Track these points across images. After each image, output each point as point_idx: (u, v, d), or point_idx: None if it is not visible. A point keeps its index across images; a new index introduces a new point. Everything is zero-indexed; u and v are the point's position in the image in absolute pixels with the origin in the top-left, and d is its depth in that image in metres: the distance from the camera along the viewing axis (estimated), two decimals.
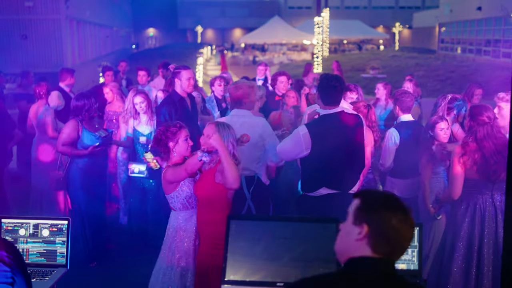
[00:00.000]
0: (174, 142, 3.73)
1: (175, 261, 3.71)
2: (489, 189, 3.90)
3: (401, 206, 1.76)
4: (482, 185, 3.89)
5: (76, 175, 5.14)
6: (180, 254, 3.72)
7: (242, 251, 2.83)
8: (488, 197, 3.90)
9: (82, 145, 5.09)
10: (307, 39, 36.40)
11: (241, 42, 40.36)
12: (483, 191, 3.91)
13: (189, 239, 3.74)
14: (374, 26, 47.54)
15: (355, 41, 44.93)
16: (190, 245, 3.73)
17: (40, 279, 3.29)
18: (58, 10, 18.24)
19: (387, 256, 1.73)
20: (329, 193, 3.94)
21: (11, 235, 3.46)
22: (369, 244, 1.72)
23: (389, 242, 1.72)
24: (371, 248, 1.72)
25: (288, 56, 36.24)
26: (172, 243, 3.75)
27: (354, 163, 4.02)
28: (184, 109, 5.18)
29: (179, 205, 3.73)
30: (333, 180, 3.94)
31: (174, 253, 3.73)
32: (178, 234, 3.74)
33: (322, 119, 4.00)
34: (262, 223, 2.99)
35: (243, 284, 2.79)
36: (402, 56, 29.81)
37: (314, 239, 2.78)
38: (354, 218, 1.76)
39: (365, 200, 1.78)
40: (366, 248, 1.72)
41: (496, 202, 3.89)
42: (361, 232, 1.72)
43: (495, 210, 3.88)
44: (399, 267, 3.08)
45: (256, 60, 33.80)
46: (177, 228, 3.76)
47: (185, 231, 3.74)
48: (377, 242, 1.72)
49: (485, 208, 3.90)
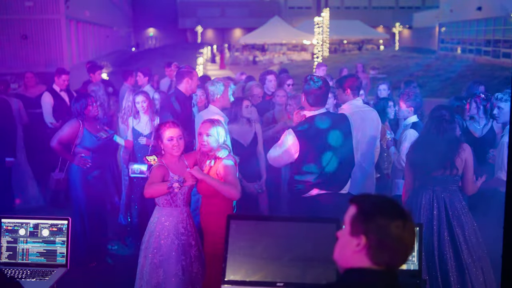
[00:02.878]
0: (161, 140, 3.83)
1: (149, 255, 3.75)
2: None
3: (399, 211, 1.69)
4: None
5: (76, 175, 5.14)
6: (155, 249, 3.74)
7: (242, 251, 2.83)
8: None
9: (83, 146, 5.09)
10: (307, 39, 36.38)
11: (241, 42, 40.35)
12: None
13: (166, 237, 3.75)
14: (374, 26, 47.50)
15: (355, 41, 44.91)
16: (167, 243, 3.74)
17: (40, 279, 3.29)
18: (58, 10, 18.24)
19: (387, 266, 1.68)
20: (319, 194, 3.95)
21: (11, 235, 3.46)
22: (368, 256, 1.66)
23: (389, 252, 1.66)
24: (370, 259, 1.67)
25: (288, 56, 36.23)
26: (150, 237, 3.79)
27: (343, 163, 4.00)
28: (186, 109, 5.18)
29: (162, 200, 3.79)
30: (323, 181, 3.93)
31: (149, 248, 3.76)
32: (156, 228, 3.78)
33: (308, 120, 3.99)
34: (262, 223, 2.99)
35: (243, 284, 2.79)
36: (402, 56, 29.79)
37: (314, 239, 2.78)
38: (351, 229, 1.70)
39: (361, 207, 1.71)
40: (365, 259, 1.67)
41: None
42: (359, 243, 1.67)
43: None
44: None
45: (256, 60, 33.80)
46: (156, 223, 3.80)
47: (163, 229, 3.76)
48: (376, 253, 1.66)
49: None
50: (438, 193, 4.07)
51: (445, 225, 4.00)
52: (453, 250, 3.97)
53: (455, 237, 3.97)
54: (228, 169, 3.67)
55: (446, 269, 3.94)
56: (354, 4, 52.07)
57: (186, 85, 5.14)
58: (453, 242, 3.97)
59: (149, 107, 5.74)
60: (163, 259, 3.72)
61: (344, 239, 1.73)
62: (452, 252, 3.97)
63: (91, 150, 5.11)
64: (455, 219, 4.00)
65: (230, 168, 3.67)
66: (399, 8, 51.78)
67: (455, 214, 4.01)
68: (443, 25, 34.66)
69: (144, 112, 5.75)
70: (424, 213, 4.06)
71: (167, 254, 3.72)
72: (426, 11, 42.65)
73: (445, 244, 3.97)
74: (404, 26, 45.66)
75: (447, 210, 4.02)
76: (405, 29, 46.46)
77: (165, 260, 3.71)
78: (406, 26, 46.14)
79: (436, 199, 4.06)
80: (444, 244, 3.97)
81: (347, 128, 4.04)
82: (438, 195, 4.06)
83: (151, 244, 3.76)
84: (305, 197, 3.98)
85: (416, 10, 47.30)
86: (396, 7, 52.15)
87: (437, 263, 3.97)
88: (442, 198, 4.05)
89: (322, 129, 3.92)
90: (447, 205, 4.03)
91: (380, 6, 52.28)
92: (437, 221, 4.02)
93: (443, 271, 3.96)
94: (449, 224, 4.01)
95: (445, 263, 3.95)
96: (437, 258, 3.97)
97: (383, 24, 50.61)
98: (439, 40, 35.60)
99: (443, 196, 4.05)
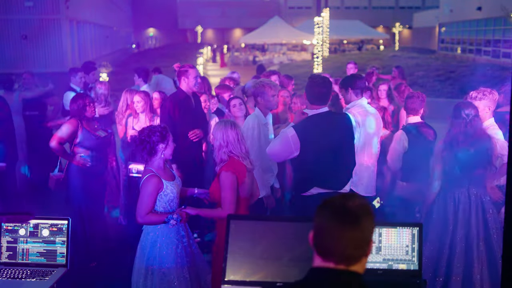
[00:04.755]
0: (165, 144, 3.69)
1: (155, 267, 3.63)
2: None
3: (333, 201, 1.70)
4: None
5: (76, 175, 5.13)
6: (159, 259, 3.63)
7: (242, 251, 2.83)
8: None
9: (82, 145, 5.09)
10: (307, 39, 36.39)
11: (241, 42, 40.35)
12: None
13: (169, 246, 3.65)
14: (374, 26, 47.53)
15: (355, 41, 44.92)
16: (172, 250, 3.65)
17: (40, 279, 3.29)
18: (58, 10, 18.23)
19: (335, 263, 1.66)
20: (320, 193, 3.94)
21: (11, 235, 3.46)
22: (316, 252, 1.70)
23: (323, 244, 1.68)
24: (318, 255, 1.70)
25: (288, 56, 36.25)
26: (152, 249, 3.65)
27: (344, 162, 4.01)
28: (188, 107, 5.24)
29: (160, 208, 3.67)
30: (324, 180, 3.93)
31: (154, 259, 3.64)
32: (157, 240, 3.65)
33: (309, 119, 4.00)
34: (262, 223, 2.99)
35: (243, 284, 2.79)
36: (402, 56, 29.77)
37: None
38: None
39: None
40: (316, 257, 1.71)
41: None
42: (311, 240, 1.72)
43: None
44: (399, 267, 3.08)
45: (256, 60, 33.79)
46: (157, 235, 3.66)
47: (164, 238, 3.66)
48: (317, 247, 1.69)
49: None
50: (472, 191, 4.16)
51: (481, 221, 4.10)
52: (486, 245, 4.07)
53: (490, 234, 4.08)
54: (222, 183, 3.61)
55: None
56: (354, 4, 52.12)
57: (184, 84, 5.25)
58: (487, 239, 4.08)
59: (146, 107, 5.75)
60: (170, 266, 3.64)
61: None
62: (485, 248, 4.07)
63: (90, 149, 5.11)
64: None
65: (224, 182, 3.60)
66: (399, 8, 51.83)
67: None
68: (443, 25, 34.67)
69: (142, 112, 5.76)
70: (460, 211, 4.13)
71: (173, 261, 3.65)
72: (426, 11, 42.68)
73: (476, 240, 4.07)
74: (404, 26, 45.68)
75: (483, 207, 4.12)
76: (405, 29, 46.49)
77: (173, 268, 3.64)
78: (406, 26, 46.18)
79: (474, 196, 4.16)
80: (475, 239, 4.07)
81: (348, 127, 4.05)
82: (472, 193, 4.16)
83: (154, 255, 3.65)
84: (305, 196, 3.99)
85: (416, 10, 47.36)
86: (396, 7, 52.20)
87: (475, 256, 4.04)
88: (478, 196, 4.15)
89: (323, 128, 3.93)
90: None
91: (380, 6, 52.33)
92: (475, 218, 4.10)
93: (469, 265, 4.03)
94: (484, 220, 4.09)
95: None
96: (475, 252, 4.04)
97: (383, 24, 50.64)
98: (439, 40, 35.62)
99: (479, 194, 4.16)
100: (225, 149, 3.66)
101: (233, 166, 3.63)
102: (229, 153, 3.66)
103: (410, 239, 3.09)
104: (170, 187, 3.67)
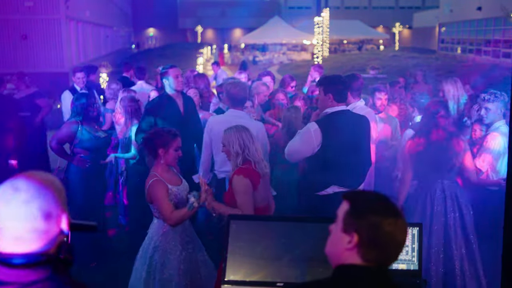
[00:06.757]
0: (165, 149, 3.62)
1: (158, 273, 3.58)
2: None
3: (391, 208, 1.68)
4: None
5: (76, 175, 5.13)
6: (162, 265, 3.59)
7: (242, 251, 2.83)
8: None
9: (82, 146, 5.09)
10: (307, 39, 36.40)
11: (241, 42, 40.36)
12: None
13: (172, 251, 3.62)
14: (374, 26, 47.55)
15: (355, 41, 44.91)
16: (175, 256, 3.61)
17: None
18: (58, 10, 18.23)
19: (378, 264, 1.67)
20: (336, 192, 3.93)
21: None
22: (359, 253, 1.66)
23: (380, 250, 1.66)
24: (361, 257, 1.66)
25: (288, 56, 36.26)
26: (155, 253, 3.61)
27: (362, 161, 4.04)
28: (172, 109, 5.11)
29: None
30: (342, 178, 3.94)
31: (155, 265, 3.59)
32: (161, 245, 3.60)
33: (331, 115, 4.01)
34: (262, 223, 2.99)
35: (243, 284, 2.79)
36: (402, 56, 29.80)
37: (314, 239, 2.78)
38: (344, 225, 1.69)
39: (354, 204, 1.70)
40: (356, 257, 1.67)
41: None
42: (351, 241, 1.66)
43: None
44: (399, 267, 3.08)
45: (256, 60, 33.80)
46: (161, 240, 3.61)
47: (168, 243, 3.62)
48: (367, 251, 1.65)
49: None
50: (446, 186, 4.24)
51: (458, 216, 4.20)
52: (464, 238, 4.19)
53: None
54: (235, 188, 3.51)
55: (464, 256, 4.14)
56: (354, 4, 52.13)
57: (167, 85, 5.19)
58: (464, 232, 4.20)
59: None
60: (173, 273, 3.60)
61: (336, 235, 1.72)
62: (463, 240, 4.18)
63: (90, 150, 5.10)
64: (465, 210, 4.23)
65: (237, 186, 3.50)
66: (399, 8, 51.84)
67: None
68: (443, 25, 34.69)
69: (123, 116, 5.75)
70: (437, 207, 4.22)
71: (176, 268, 3.61)
72: (426, 11, 42.69)
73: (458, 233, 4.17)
74: (404, 26, 45.69)
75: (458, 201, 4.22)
76: (405, 29, 46.50)
77: (175, 275, 3.60)
78: (406, 26, 46.19)
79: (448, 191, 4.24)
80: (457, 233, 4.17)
81: (367, 127, 4.10)
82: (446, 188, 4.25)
83: (156, 260, 3.61)
84: (321, 195, 3.98)
85: (416, 10, 47.36)
86: (396, 7, 52.21)
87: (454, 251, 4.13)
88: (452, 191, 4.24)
89: (344, 124, 3.94)
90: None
91: (380, 6, 52.33)
92: (452, 212, 4.20)
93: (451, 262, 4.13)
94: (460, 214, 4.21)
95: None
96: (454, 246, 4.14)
97: (383, 24, 50.65)
98: (439, 40, 35.63)
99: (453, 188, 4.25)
100: (242, 156, 3.53)
101: (245, 170, 3.53)
102: (246, 158, 3.55)
103: (410, 239, 3.09)
104: (174, 192, 3.61)
